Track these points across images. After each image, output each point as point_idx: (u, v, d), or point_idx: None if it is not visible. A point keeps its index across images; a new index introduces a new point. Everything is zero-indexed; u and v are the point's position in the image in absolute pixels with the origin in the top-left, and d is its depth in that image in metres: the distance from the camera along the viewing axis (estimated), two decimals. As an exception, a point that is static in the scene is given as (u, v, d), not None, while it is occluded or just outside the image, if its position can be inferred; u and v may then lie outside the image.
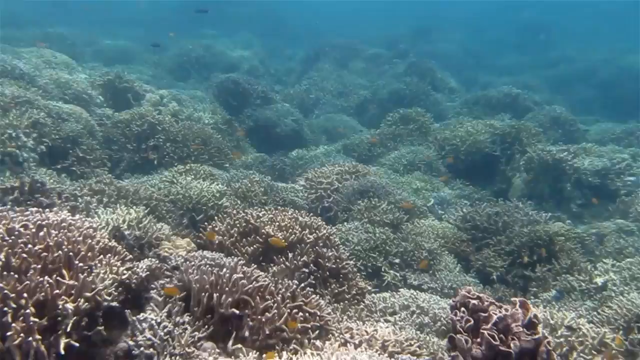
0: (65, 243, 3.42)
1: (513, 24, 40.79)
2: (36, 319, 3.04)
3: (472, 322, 2.76)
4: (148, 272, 3.60)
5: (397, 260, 6.61)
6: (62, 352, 3.08)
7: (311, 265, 4.67)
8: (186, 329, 3.21)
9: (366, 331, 3.72)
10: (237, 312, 3.24)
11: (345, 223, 7.10)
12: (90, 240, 3.55)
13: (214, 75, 20.00)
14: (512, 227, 7.68)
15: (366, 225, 6.85)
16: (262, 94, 15.49)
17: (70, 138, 7.63)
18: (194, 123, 10.23)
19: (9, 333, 2.96)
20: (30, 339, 2.99)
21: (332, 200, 7.86)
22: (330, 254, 4.77)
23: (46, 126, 7.50)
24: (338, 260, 4.80)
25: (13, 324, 2.98)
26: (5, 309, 3.02)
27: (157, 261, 3.71)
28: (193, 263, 3.52)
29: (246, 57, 26.07)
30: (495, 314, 2.75)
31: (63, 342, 3.13)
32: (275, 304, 3.40)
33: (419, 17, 39.91)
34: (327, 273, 4.72)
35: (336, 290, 4.65)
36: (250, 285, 3.36)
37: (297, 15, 42.72)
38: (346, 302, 4.64)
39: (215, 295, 3.26)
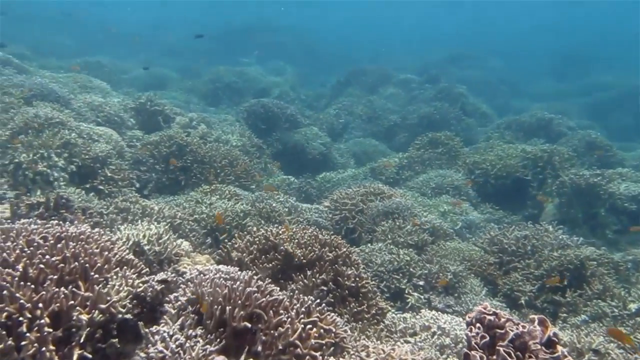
0: (82, 255, 3.45)
1: (549, 51, 40.62)
2: (50, 330, 3.05)
3: (488, 338, 2.67)
4: (163, 285, 3.59)
5: (421, 283, 6.48)
6: (75, 364, 3.07)
7: (330, 283, 4.60)
8: (198, 342, 3.18)
9: (383, 350, 3.63)
10: (249, 325, 3.20)
11: (369, 244, 7.02)
12: (107, 253, 3.57)
13: (245, 100, 20.35)
14: (541, 250, 7.47)
15: (390, 247, 6.76)
16: (291, 118, 15.64)
17: (99, 158, 7.78)
18: (221, 145, 10.35)
19: (23, 343, 2.97)
20: (44, 349, 2.99)
21: (356, 221, 7.79)
22: (349, 272, 4.70)
23: (77, 146, 7.67)
24: (358, 279, 4.72)
25: (27, 334, 2.99)
26: (21, 319, 3.04)
27: (173, 275, 3.69)
28: (207, 276, 3.50)
29: (277, 83, 26.45)
30: (512, 331, 2.66)
31: (76, 353, 3.12)
32: (289, 319, 3.35)
33: (454, 44, 40.08)
34: (346, 292, 4.64)
35: (355, 310, 4.56)
36: (264, 299, 3.31)
37: (330, 43, 43.38)
38: (365, 321, 4.54)
39: (227, 308, 3.23)
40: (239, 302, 3.27)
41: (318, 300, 3.79)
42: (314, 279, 4.48)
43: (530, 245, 7.57)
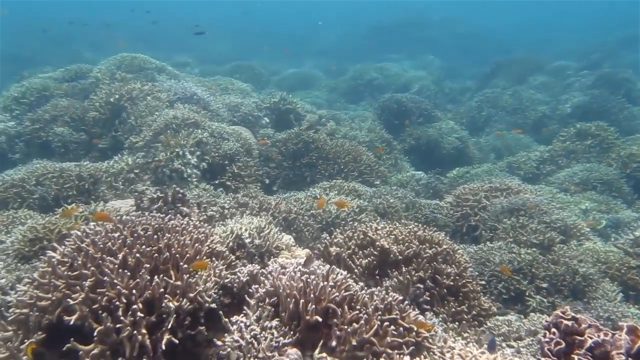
0: (175, 246, 3.69)
1: None
2: (142, 315, 3.30)
3: (563, 345, 2.40)
4: (249, 277, 3.71)
5: (544, 285, 6.00)
6: (163, 347, 3.28)
7: (428, 281, 4.43)
8: (272, 333, 3.24)
9: (470, 352, 3.41)
10: (320, 319, 3.19)
11: (488, 242, 6.64)
12: (198, 245, 3.78)
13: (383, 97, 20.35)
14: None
15: (510, 245, 6.33)
16: (425, 112, 15.30)
17: (228, 155, 8.25)
18: (346, 141, 10.44)
19: (118, 326, 3.25)
20: (136, 332, 3.24)
21: (478, 218, 7.41)
22: (449, 270, 4.49)
23: (208, 145, 8.22)
24: (458, 277, 4.49)
25: (122, 318, 3.26)
26: (118, 303, 3.33)
27: (259, 267, 3.80)
28: (287, 269, 3.55)
29: (419, 77, 26.00)
30: (592, 338, 2.36)
31: (165, 338, 3.34)
32: (366, 315, 3.28)
33: (632, 24, 36.03)
34: (445, 290, 4.44)
35: (454, 309, 4.35)
36: (338, 294, 3.29)
37: (487, 34, 41.62)
38: (464, 322, 4.31)
39: (301, 301, 3.25)
40: (312, 296, 3.27)
41: (402, 298, 3.66)
42: (408, 276, 4.35)
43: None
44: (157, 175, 8.00)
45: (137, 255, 3.54)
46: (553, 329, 2.53)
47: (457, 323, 4.29)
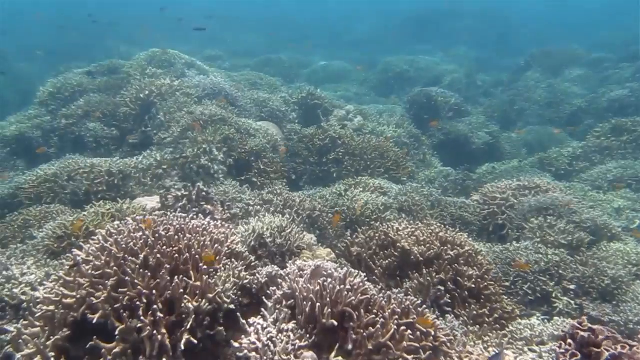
0: (196, 246, 3.74)
1: None
2: (162, 315, 3.36)
3: (580, 357, 2.36)
4: (267, 278, 3.74)
5: (572, 287, 5.89)
6: (183, 347, 3.33)
7: (449, 283, 4.40)
8: (289, 336, 3.26)
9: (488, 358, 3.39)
10: (336, 323, 3.20)
11: (515, 242, 6.54)
12: (218, 246, 3.83)
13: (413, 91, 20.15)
14: None
15: (537, 246, 6.23)
16: (455, 107, 15.12)
17: (254, 152, 8.31)
18: (373, 137, 10.39)
19: (139, 325, 3.32)
20: (155, 332, 3.31)
21: (505, 217, 7.31)
22: (470, 272, 4.44)
23: (235, 141, 8.29)
24: (479, 280, 4.45)
25: (143, 317, 3.33)
26: (138, 303, 3.40)
27: (278, 268, 3.83)
28: (305, 272, 3.57)
29: (450, 70, 25.64)
30: (609, 350, 2.32)
31: (185, 338, 3.40)
32: (382, 319, 3.28)
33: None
34: (466, 293, 4.40)
35: (475, 312, 4.31)
36: (354, 298, 3.29)
37: (521, 26, 40.70)
38: (485, 325, 4.27)
39: (317, 305, 3.27)
40: (328, 299, 3.28)
41: (420, 301, 3.65)
42: (429, 278, 4.32)
43: None
44: (185, 171, 8.11)
45: (158, 255, 3.60)
46: (569, 340, 2.50)
47: (478, 326, 4.25)
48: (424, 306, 3.62)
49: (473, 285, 4.42)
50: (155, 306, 3.36)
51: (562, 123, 18.36)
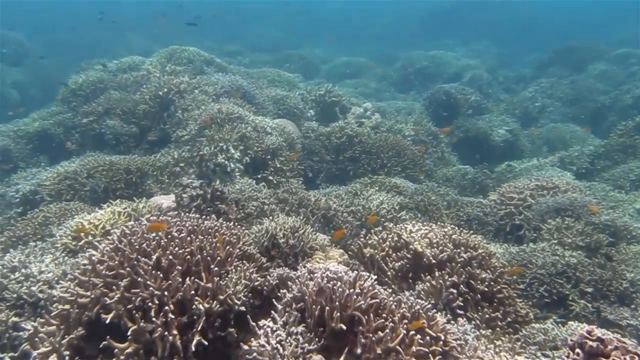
0: (207, 248, 3.78)
1: None
2: (173, 316, 3.40)
3: (586, 369, 2.34)
4: (278, 280, 3.77)
5: (589, 289, 5.81)
6: (193, 348, 3.37)
7: (461, 286, 4.38)
8: (298, 339, 3.28)
9: (499, 365, 3.37)
10: (344, 327, 3.21)
11: (531, 244, 6.48)
12: (230, 247, 3.86)
13: (435, 86, 19.98)
14: None
15: (554, 247, 6.16)
16: (474, 104, 14.98)
17: (270, 150, 8.34)
18: (390, 135, 10.34)
19: (150, 327, 3.37)
20: (167, 333, 3.35)
21: (522, 217, 7.24)
22: (484, 275, 4.42)
23: (251, 139, 8.32)
24: (493, 283, 4.41)
25: (154, 318, 3.38)
26: (150, 304, 3.45)
27: (289, 270, 3.85)
28: (315, 274, 3.58)
29: (472, 66, 25.36)
30: (618, 362, 2.29)
31: (195, 339, 3.44)
32: (391, 324, 3.28)
33: None
34: (479, 296, 4.37)
35: (487, 316, 4.28)
36: (363, 302, 3.30)
37: (545, 19, 40.05)
38: (498, 329, 4.24)
39: (326, 308, 3.28)
40: (337, 303, 3.29)
41: (430, 305, 3.63)
42: (442, 281, 4.30)
43: None
44: (202, 169, 8.17)
45: (170, 257, 3.65)
46: (577, 350, 2.47)
47: (490, 330, 4.22)
48: (434, 310, 3.61)
49: (486, 289, 4.39)
50: (167, 307, 3.40)
51: (585, 121, 18.07)
